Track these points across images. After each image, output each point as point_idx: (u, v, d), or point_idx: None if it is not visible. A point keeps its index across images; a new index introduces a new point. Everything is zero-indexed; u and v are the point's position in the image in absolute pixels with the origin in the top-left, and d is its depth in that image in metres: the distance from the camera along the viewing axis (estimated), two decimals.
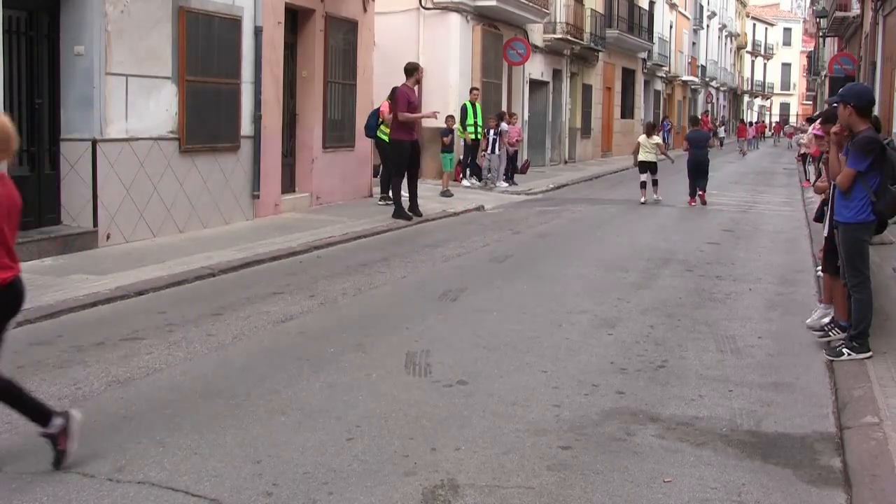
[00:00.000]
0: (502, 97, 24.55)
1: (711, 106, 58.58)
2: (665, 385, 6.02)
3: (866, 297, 6.55)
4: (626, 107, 39.62)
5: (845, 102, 6.51)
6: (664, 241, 13.02)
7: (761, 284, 9.79)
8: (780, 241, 13.48)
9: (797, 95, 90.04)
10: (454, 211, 15.74)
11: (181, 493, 4.17)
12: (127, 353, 6.45)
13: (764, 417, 5.44)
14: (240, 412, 5.26)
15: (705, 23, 57.47)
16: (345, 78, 16.09)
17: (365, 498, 4.17)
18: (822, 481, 4.55)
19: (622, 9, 35.38)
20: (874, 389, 5.76)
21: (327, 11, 15.29)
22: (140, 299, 8.26)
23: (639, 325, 7.71)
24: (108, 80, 10.40)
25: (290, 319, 7.56)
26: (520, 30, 25.49)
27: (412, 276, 9.72)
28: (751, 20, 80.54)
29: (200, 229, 11.94)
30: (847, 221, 6.55)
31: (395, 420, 5.18)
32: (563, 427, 5.15)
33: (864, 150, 6.37)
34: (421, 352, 6.62)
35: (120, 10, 10.50)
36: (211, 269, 9.47)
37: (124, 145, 10.69)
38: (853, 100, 6.51)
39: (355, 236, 12.28)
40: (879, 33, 20.36)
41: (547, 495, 4.25)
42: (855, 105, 6.46)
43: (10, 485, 4.21)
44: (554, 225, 14.66)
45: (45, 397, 5.42)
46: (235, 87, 12.64)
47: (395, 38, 20.43)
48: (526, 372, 6.21)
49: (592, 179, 25.57)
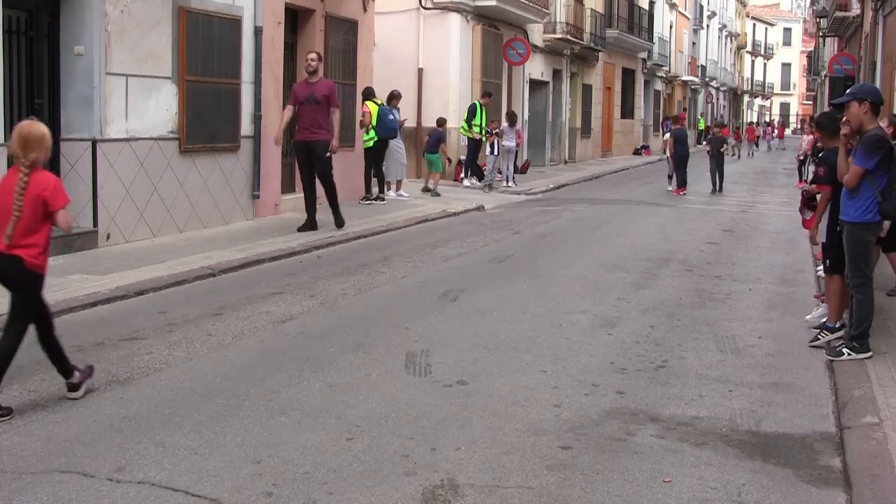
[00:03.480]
0: (502, 97, 24.55)
1: (711, 106, 58.55)
2: (665, 385, 6.02)
3: (868, 297, 6.55)
4: (626, 107, 39.62)
5: (861, 99, 6.48)
6: (664, 241, 13.02)
7: (761, 284, 9.79)
8: (780, 241, 13.48)
9: (797, 95, 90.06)
10: (454, 211, 15.74)
11: (181, 493, 4.17)
12: (127, 353, 6.45)
13: (764, 417, 5.44)
14: (240, 412, 5.26)
15: (705, 23, 57.46)
16: (345, 78, 16.08)
17: (365, 498, 4.17)
18: (822, 481, 4.55)
19: (622, 9, 35.39)
20: (874, 389, 5.76)
21: (327, 11, 15.29)
22: (140, 299, 8.26)
23: (639, 325, 7.71)
24: (108, 80, 10.40)
25: (290, 319, 7.56)
26: (520, 30, 25.50)
27: (412, 276, 9.72)
28: (751, 20, 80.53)
29: (200, 229, 11.94)
30: (852, 221, 6.54)
31: (395, 420, 5.18)
32: (563, 427, 5.15)
33: (873, 148, 6.36)
34: (421, 352, 6.62)
35: (120, 10, 10.50)
36: (211, 269, 9.47)
37: (124, 145, 10.69)
38: (870, 96, 6.51)
39: (355, 236, 12.28)
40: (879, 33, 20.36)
41: (547, 495, 4.25)
42: (872, 101, 6.46)
43: (10, 485, 4.21)
44: (554, 225, 14.66)
45: (46, 397, 5.44)
46: (235, 87, 12.64)
47: (395, 38, 20.45)
48: (526, 372, 6.21)
49: (592, 179, 25.57)
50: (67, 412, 5.20)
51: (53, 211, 5.22)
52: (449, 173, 21.04)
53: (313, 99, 11.96)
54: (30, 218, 5.14)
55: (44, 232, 5.24)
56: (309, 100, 11.97)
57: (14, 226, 5.10)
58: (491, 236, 13.02)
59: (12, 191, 5.11)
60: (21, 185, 5.10)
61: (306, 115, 12.01)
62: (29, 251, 5.17)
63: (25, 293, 5.28)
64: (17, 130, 5.22)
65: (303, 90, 12.07)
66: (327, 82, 12.42)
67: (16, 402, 5.33)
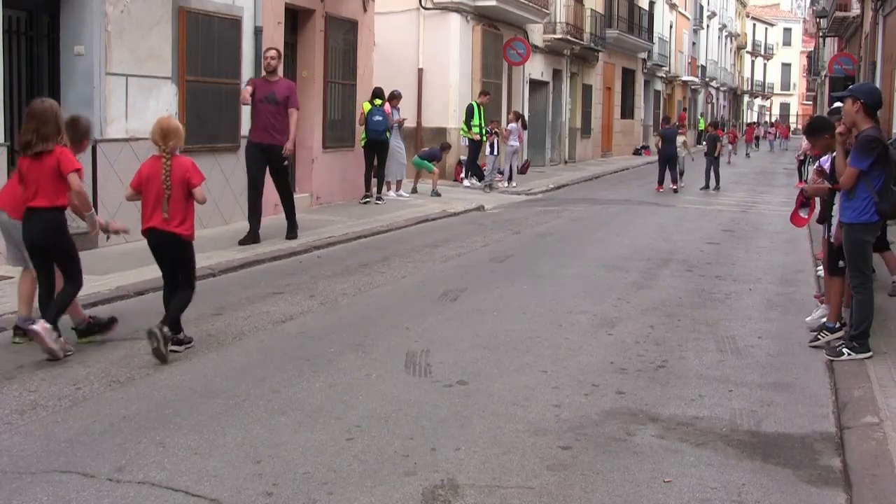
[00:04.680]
0: (502, 97, 24.55)
1: (711, 106, 58.53)
2: (665, 385, 6.02)
3: (867, 297, 6.54)
4: (626, 107, 39.62)
5: (854, 98, 6.48)
6: (664, 241, 13.02)
7: (761, 284, 9.79)
8: (780, 241, 13.48)
9: (797, 95, 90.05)
10: (454, 211, 15.74)
11: (181, 493, 4.17)
12: (127, 353, 6.45)
13: (764, 417, 5.44)
14: (240, 412, 5.26)
15: (705, 23, 57.45)
16: (345, 78, 16.09)
17: (365, 498, 4.17)
18: (822, 481, 4.55)
19: (622, 9, 35.39)
20: (874, 389, 5.76)
21: (327, 11, 15.29)
22: (140, 299, 8.27)
23: (639, 325, 7.71)
24: (108, 80, 10.41)
25: (290, 319, 7.56)
26: (520, 30, 25.49)
27: (412, 276, 9.72)
28: (751, 20, 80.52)
29: (200, 229, 11.89)
30: (850, 222, 6.54)
31: (395, 420, 5.18)
32: (563, 427, 5.15)
33: (866, 148, 6.35)
34: (421, 352, 6.62)
35: (120, 10, 10.50)
36: (211, 269, 9.47)
37: (124, 145, 10.69)
38: (863, 96, 6.50)
39: (355, 236, 12.28)
40: (879, 33, 20.36)
41: (547, 495, 4.25)
42: (864, 102, 6.45)
43: (10, 485, 4.21)
44: (554, 225, 14.66)
45: (46, 397, 5.44)
46: (235, 87, 12.64)
47: (395, 38, 20.44)
48: (526, 372, 6.21)
49: (592, 179, 25.57)
50: (67, 412, 5.20)
51: (193, 188, 6.35)
52: (449, 174, 21.05)
53: (273, 99, 11.10)
54: (178, 196, 6.29)
55: (189, 207, 6.41)
56: (268, 99, 11.10)
57: (167, 204, 6.26)
58: (491, 236, 13.02)
59: (159, 175, 6.25)
60: (166, 168, 6.25)
61: (264, 115, 11.14)
62: (183, 227, 6.37)
63: (184, 261, 6.54)
64: (157, 123, 6.43)
65: (262, 88, 11.20)
66: (287, 82, 11.55)
67: (16, 402, 5.34)
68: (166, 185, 6.27)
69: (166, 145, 6.31)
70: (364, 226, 13.15)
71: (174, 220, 6.34)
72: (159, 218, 6.31)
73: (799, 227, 9.10)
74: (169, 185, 6.27)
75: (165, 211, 6.28)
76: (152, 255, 6.59)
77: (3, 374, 5.84)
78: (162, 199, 6.28)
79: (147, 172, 6.39)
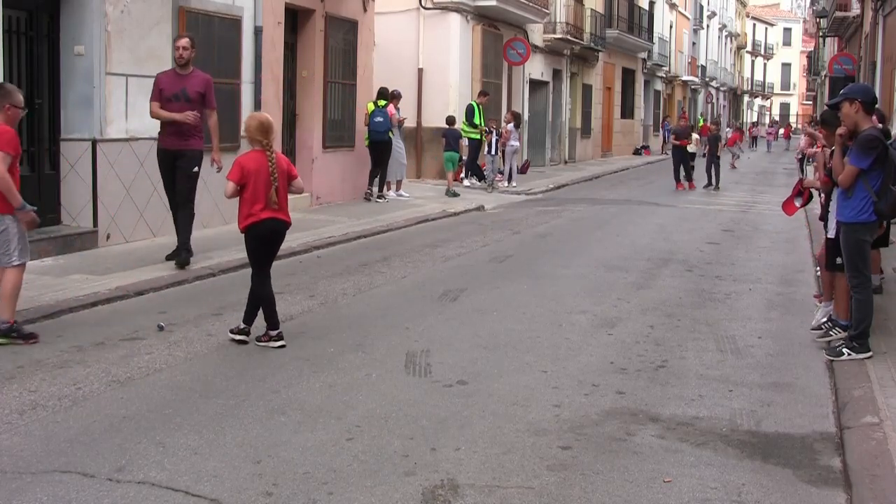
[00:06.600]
0: (502, 97, 24.55)
1: (711, 106, 58.53)
2: (665, 385, 6.02)
3: (867, 297, 6.55)
4: (626, 107, 39.61)
5: (852, 99, 6.49)
6: (664, 241, 13.02)
7: (761, 284, 9.79)
8: (780, 241, 13.48)
9: (797, 95, 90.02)
10: (454, 211, 15.74)
11: (181, 493, 4.17)
12: (127, 353, 6.45)
13: (764, 417, 5.44)
14: (240, 412, 5.26)
15: (705, 23, 57.45)
16: (345, 78, 16.09)
17: (365, 498, 4.17)
18: (822, 481, 4.55)
19: (622, 9, 35.38)
20: (874, 389, 5.76)
21: (327, 11, 15.29)
22: (140, 299, 8.26)
23: (639, 325, 7.71)
24: (108, 80, 10.40)
25: (290, 319, 7.55)
26: (520, 30, 25.49)
27: (412, 276, 9.72)
28: (751, 20, 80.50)
29: (200, 229, 11.92)
30: (848, 221, 6.54)
31: (395, 420, 5.18)
32: (563, 427, 5.15)
33: (867, 147, 6.36)
34: (421, 352, 6.62)
35: (120, 10, 10.50)
36: (211, 269, 9.47)
37: (124, 145, 10.69)
38: (860, 96, 6.51)
39: (355, 236, 12.28)
40: (879, 33, 20.36)
41: (547, 495, 4.25)
42: (862, 101, 6.46)
43: (10, 485, 4.21)
44: (554, 225, 14.66)
45: (46, 397, 5.44)
46: (235, 87, 12.64)
47: (395, 38, 20.43)
48: (526, 372, 6.21)
49: (592, 179, 25.57)
50: (67, 412, 5.20)
51: (294, 178, 6.86)
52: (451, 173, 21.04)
53: (184, 96, 9.31)
54: (283, 187, 6.68)
55: (287, 197, 6.80)
56: (178, 97, 9.31)
57: (275, 194, 6.58)
58: (491, 236, 13.02)
59: (266, 168, 6.54)
60: (272, 161, 6.57)
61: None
62: (287, 215, 6.78)
63: (278, 247, 7.00)
64: (255, 119, 6.70)
65: (171, 84, 9.37)
66: (203, 76, 9.57)
67: (16, 402, 5.33)
68: (274, 176, 6.55)
69: (268, 139, 6.60)
70: (364, 226, 13.15)
71: (282, 209, 6.68)
72: (269, 209, 6.60)
73: (789, 216, 9.18)
74: (276, 176, 6.56)
75: (274, 202, 6.58)
76: (254, 246, 6.78)
77: (3, 374, 5.83)
78: (269, 190, 6.56)
79: (254, 166, 6.57)
